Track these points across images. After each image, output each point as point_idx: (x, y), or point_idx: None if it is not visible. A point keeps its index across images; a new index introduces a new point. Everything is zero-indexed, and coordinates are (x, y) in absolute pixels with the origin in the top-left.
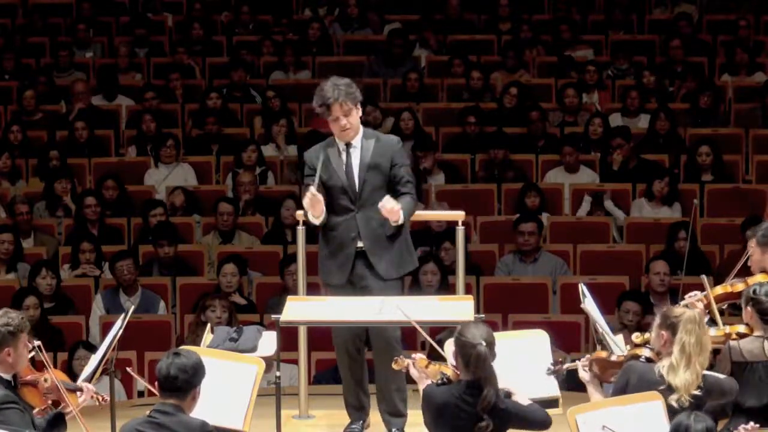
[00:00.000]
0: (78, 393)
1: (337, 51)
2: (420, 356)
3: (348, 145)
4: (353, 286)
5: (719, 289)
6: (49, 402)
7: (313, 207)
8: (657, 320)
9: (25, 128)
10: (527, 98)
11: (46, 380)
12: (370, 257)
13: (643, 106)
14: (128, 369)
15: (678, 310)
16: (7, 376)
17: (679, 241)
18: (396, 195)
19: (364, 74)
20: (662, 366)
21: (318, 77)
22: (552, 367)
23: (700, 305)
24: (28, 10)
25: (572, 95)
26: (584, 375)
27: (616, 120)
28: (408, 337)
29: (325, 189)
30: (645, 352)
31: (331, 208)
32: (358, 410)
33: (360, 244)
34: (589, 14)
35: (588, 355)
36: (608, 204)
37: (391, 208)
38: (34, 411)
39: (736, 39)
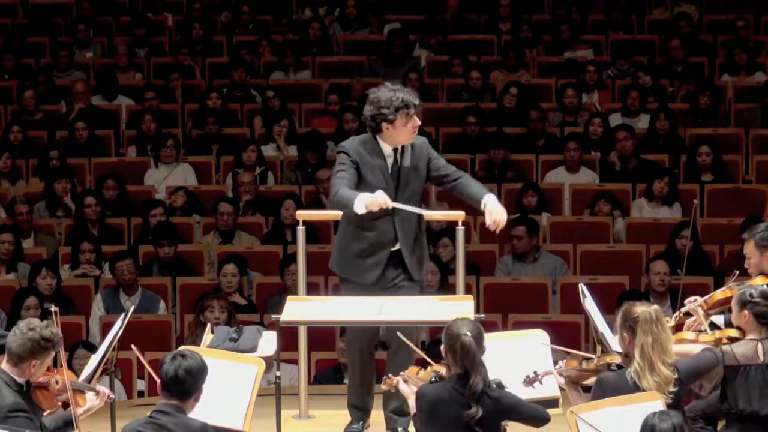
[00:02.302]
0: (92, 394)
1: (337, 51)
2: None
3: (395, 150)
4: (381, 287)
5: (719, 294)
6: (60, 404)
7: (373, 207)
8: (618, 320)
9: (25, 128)
10: (527, 98)
11: (57, 382)
12: (405, 259)
13: (643, 106)
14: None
15: (637, 309)
16: (21, 380)
17: (682, 239)
18: (452, 180)
19: (364, 74)
20: (631, 371)
21: (318, 77)
22: (528, 378)
23: (700, 311)
24: (28, 10)
25: (572, 95)
26: (560, 381)
27: (616, 120)
28: None
29: (364, 188)
30: (615, 359)
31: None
32: (360, 411)
33: (397, 246)
34: (589, 14)
35: (561, 362)
36: None
37: (500, 216)
38: (45, 413)
39: (735, 39)
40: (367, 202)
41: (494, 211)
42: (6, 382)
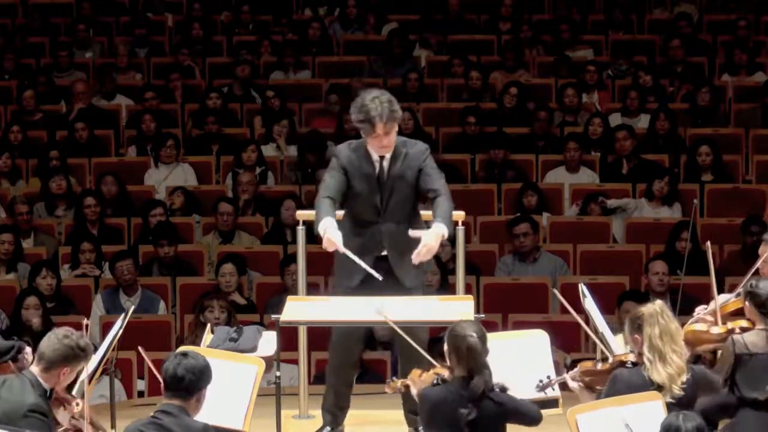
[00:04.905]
0: None
1: (337, 51)
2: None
3: (381, 157)
4: (365, 292)
5: (731, 305)
6: (72, 423)
7: (326, 247)
8: (626, 327)
9: (25, 128)
10: (527, 98)
11: (78, 404)
12: (394, 269)
13: (643, 106)
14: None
15: (640, 309)
16: (47, 386)
17: (681, 241)
18: (429, 197)
19: (364, 74)
20: (644, 367)
21: (318, 77)
22: (541, 384)
23: (710, 318)
24: (28, 10)
25: (572, 95)
26: (574, 386)
27: (616, 120)
28: None
29: (352, 194)
30: (631, 358)
31: (356, 214)
32: (332, 415)
33: (384, 252)
34: (589, 14)
35: (576, 368)
36: (612, 202)
37: (426, 251)
38: (59, 430)
39: (735, 39)
40: (324, 235)
41: (426, 243)
42: (32, 383)
